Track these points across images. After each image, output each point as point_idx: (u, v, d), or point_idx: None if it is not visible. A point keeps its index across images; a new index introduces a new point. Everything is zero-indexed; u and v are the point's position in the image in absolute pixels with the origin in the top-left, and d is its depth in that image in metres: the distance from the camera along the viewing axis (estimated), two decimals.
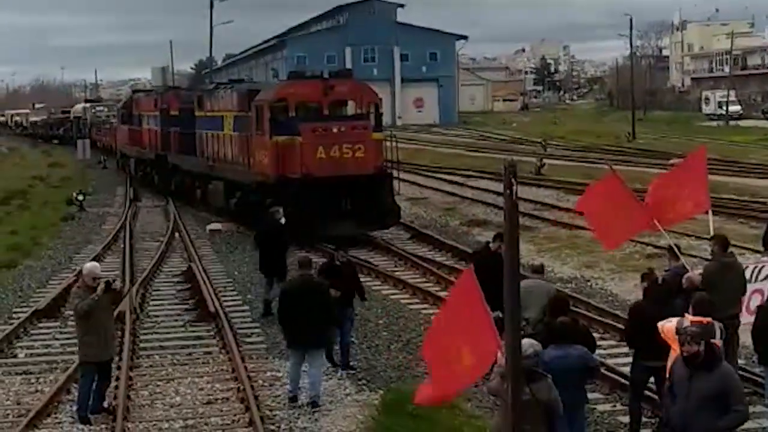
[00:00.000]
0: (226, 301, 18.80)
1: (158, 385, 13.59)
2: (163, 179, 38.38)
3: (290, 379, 12.81)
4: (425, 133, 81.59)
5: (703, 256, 19.06)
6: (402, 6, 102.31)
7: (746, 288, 11.84)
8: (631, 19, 77.90)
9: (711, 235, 13.21)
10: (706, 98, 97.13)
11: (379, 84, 61.56)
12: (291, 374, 12.81)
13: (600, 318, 16.06)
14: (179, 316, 17.79)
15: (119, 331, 15.15)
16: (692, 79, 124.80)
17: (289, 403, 12.53)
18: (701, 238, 21.76)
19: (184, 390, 13.38)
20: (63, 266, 23.56)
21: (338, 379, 13.67)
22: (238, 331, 16.31)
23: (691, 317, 9.69)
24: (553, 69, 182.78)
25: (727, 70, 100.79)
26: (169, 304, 18.95)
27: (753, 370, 12.65)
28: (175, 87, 48.42)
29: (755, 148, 56.11)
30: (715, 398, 8.22)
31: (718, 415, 8.24)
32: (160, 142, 38.19)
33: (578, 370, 9.61)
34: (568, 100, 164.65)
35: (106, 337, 12.38)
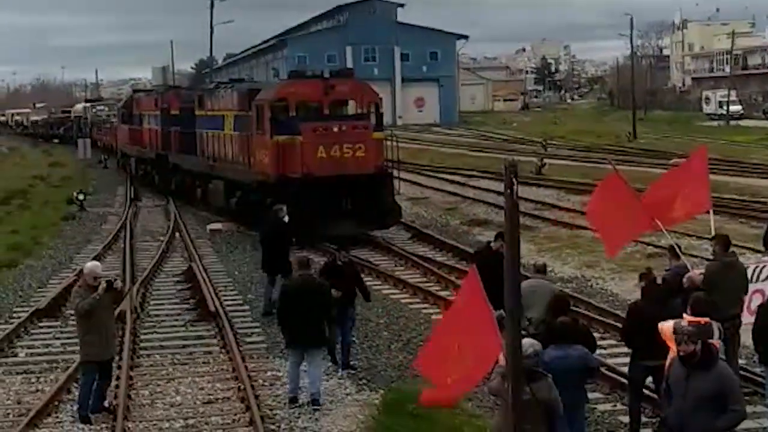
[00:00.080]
0: (226, 301, 18.80)
1: (159, 385, 13.60)
2: (164, 179, 38.38)
3: (290, 379, 12.80)
4: (427, 132, 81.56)
5: (704, 256, 19.07)
6: (402, 6, 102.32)
7: (748, 288, 11.82)
8: (631, 19, 78.05)
9: (712, 235, 13.20)
10: (707, 98, 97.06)
11: (380, 83, 61.53)
12: (290, 375, 12.80)
13: (600, 318, 16.05)
14: (180, 316, 17.79)
15: (120, 331, 15.14)
16: (693, 79, 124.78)
17: (289, 404, 12.53)
18: (702, 237, 21.77)
19: (185, 389, 13.38)
20: (63, 266, 23.57)
21: (339, 379, 13.67)
22: (239, 331, 16.31)
23: (689, 317, 9.69)
24: (553, 69, 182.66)
25: (727, 69, 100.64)
26: (169, 304, 18.95)
27: (753, 370, 12.65)
28: (176, 86, 48.42)
29: (756, 148, 56.05)
30: (712, 398, 8.19)
31: (715, 415, 8.21)
32: (161, 141, 38.19)
33: (578, 371, 9.61)
34: (569, 100, 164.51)
35: (107, 336, 12.38)
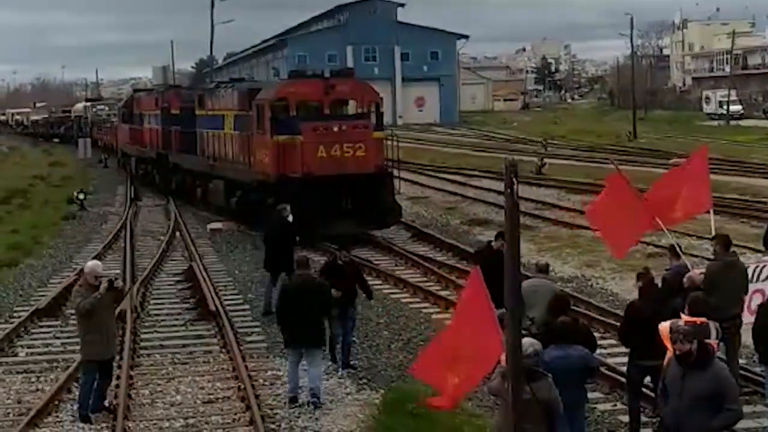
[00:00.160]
0: (226, 300, 18.80)
1: (159, 384, 13.60)
2: (164, 178, 38.38)
3: (289, 379, 12.80)
4: (429, 132, 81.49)
5: (705, 256, 19.07)
6: (403, 5, 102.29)
7: (748, 288, 11.82)
8: (631, 19, 78.00)
9: (713, 235, 13.20)
10: (707, 98, 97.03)
11: (380, 83, 61.51)
12: (290, 375, 12.80)
13: (601, 317, 16.04)
14: (180, 315, 17.79)
15: (120, 330, 15.13)
16: (693, 79, 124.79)
17: (290, 403, 12.53)
18: (702, 237, 21.78)
19: (185, 389, 13.38)
20: (64, 265, 23.57)
21: (339, 379, 13.67)
22: (239, 330, 16.30)
23: (686, 317, 9.70)
24: (553, 68, 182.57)
25: (727, 69, 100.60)
26: (169, 303, 18.95)
27: (754, 370, 12.66)
28: (176, 86, 48.37)
29: (756, 148, 56.03)
30: (708, 398, 8.19)
31: (711, 414, 8.20)
32: (161, 141, 38.18)
33: (579, 370, 9.60)
34: (569, 100, 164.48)
35: (108, 335, 12.39)
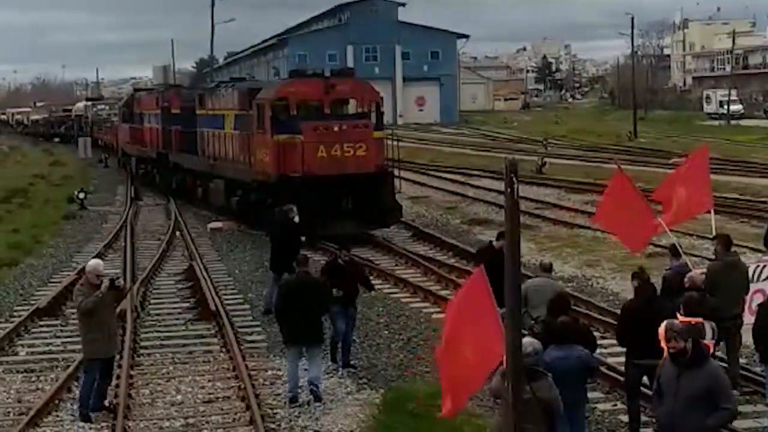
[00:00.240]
0: (226, 300, 18.80)
1: (159, 384, 13.60)
2: (164, 178, 38.38)
3: (289, 378, 12.80)
4: (428, 132, 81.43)
5: (705, 256, 19.06)
6: (403, 5, 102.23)
7: (749, 288, 11.81)
8: (632, 18, 77.92)
9: (713, 235, 13.20)
10: (708, 97, 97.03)
11: (381, 82, 61.48)
12: (290, 374, 12.81)
13: (601, 317, 16.04)
14: (180, 315, 17.79)
15: (120, 330, 15.13)
16: (693, 78, 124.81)
17: (290, 403, 12.53)
18: (703, 237, 21.77)
19: (185, 388, 13.38)
20: (64, 265, 23.57)
21: (339, 378, 13.67)
22: (239, 330, 16.30)
23: (681, 317, 9.70)
24: (554, 68, 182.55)
25: (728, 69, 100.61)
26: (170, 303, 18.95)
27: (754, 370, 12.66)
28: (177, 85, 48.41)
29: (757, 148, 56.01)
30: (702, 397, 8.17)
31: (707, 413, 8.19)
32: (162, 140, 38.17)
33: (579, 370, 9.60)
34: (570, 99, 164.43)
35: (110, 334, 12.41)
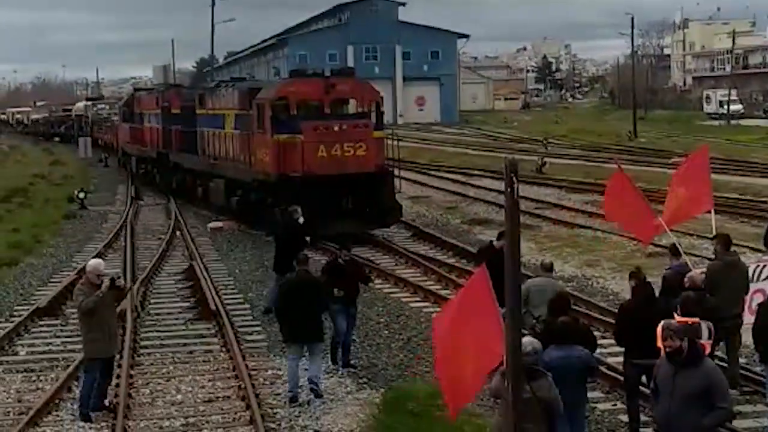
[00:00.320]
0: (227, 299, 18.80)
1: (159, 383, 13.60)
2: (165, 177, 38.38)
3: (289, 378, 12.80)
4: (433, 132, 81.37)
5: (705, 255, 19.06)
6: (403, 4, 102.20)
7: (749, 287, 11.81)
8: (632, 18, 77.91)
9: (713, 234, 13.19)
10: (708, 97, 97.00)
11: (381, 82, 61.51)
12: (290, 374, 12.81)
13: (601, 317, 16.04)
14: (180, 314, 17.80)
15: (120, 329, 15.13)
16: (693, 78, 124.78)
17: (290, 402, 12.53)
18: (703, 237, 21.77)
19: (185, 388, 13.39)
20: (64, 264, 23.57)
21: (339, 378, 13.67)
22: (239, 329, 16.31)
23: (678, 317, 9.71)
24: (554, 68, 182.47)
25: (728, 69, 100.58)
26: (170, 302, 18.96)
27: (754, 370, 12.66)
28: (177, 85, 48.41)
29: (757, 147, 55.98)
30: (699, 396, 8.18)
31: (703, 413, 8.18)
32: (162, 140, 38.17)
33: (579, 370, 9.61)
34: (570, 99, 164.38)
35: (110, 333, 12.42)
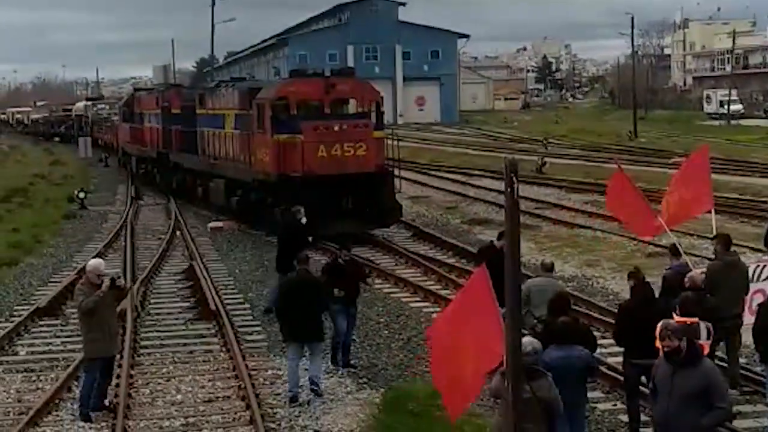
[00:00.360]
0: (227, 299, 18.80)
1: (159, 383, 13.60)
2: (165, 177, 38.38)
3: (290, 378, 12.81)
4: (433, 132, 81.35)
5: (705, 255, 19.06)
6: (404, 4, 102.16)
7: (749, 287, 11.81)
8: (632, 18, 77.91)
9: (713, 234, 13.19)
10: (708, 97, 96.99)
11: (381, 82, 61.50)
12: (290, 374, 12.82)
13: (601, 317, 16.03)
14: (180, 314, 17.79)
15: (120, 329, 15.12)
16: (694, 78, 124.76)
17: (290, 402, 12.54)
18: (703, 237, 21.77)
19: (185, 388, 13.39)
20: (64, 264, 23.57)
21: (339, 378, 13.67)
22: (239, 329, 16.31)
23: (677, 317, 9.71)
24: (554, 67, 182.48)
25: (728, 69, 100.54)
26: (170, 302, 18.96)
27: (754, 370, 12.65)
28: (177, 85, 48.39)
29: (757, 147, 55.95)
30: (697, 395, 8.18)
31: (701, 412, 8.18)
32: (162, 140, 38.17)
33: (579, 370, 9.60)
34: (570, 99, 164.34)
35: (111, 333, 12.42)
